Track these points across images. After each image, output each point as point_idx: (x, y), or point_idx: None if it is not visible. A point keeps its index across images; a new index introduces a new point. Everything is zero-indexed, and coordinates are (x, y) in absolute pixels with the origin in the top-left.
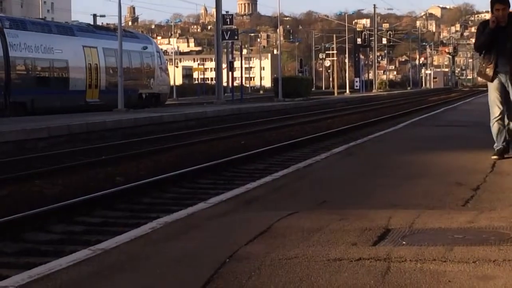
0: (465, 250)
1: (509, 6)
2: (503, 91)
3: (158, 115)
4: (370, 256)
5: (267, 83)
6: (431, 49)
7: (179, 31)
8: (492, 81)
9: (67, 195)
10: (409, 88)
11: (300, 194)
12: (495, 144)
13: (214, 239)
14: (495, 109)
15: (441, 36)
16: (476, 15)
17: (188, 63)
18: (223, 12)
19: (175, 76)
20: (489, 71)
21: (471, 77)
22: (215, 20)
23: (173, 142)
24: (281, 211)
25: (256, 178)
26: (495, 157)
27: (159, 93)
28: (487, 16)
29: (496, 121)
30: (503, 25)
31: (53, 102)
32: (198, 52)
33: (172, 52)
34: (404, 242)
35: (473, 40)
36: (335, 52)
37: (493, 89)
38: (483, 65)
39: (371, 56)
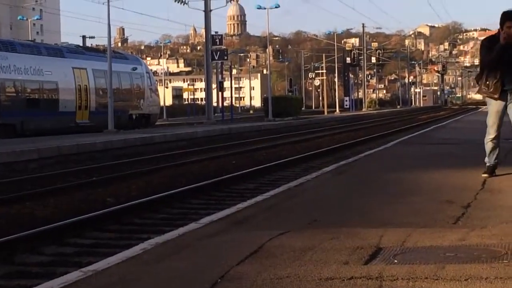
0: (457, 268)
1: None
2: (502, 115)
3: (149, 136)
4: (362, 275)
5: (257, 103)
6: (420, 68)
7: (168, 52)
8: (497, 99)
9: (58, 217)
10: (398, 107)
11: (291, 213)
12: (486, 159)
13: (205, 259)
14: (492, 131)
15: (430, 55)
16: (464, 34)
17: (178, 83)
18: (213, 33)
19: (165, 97)
20: (495, 89)
21: (460, 95)
22: (204, 40)
23: (164, 162)
24: (272, 230)
25: (247, 198)
26: (485, 175)
27: (149, 113)
28: (475, 35)
29: (490, 140)
30: (511, 41)
31: (43, 124)
32: (188, 73)
33: (161, 73)
34: (396, 261)
35: (462, 58)
36: (324, 71)
37: (493, 112)
38: (487, 82)
39: (360, 75)
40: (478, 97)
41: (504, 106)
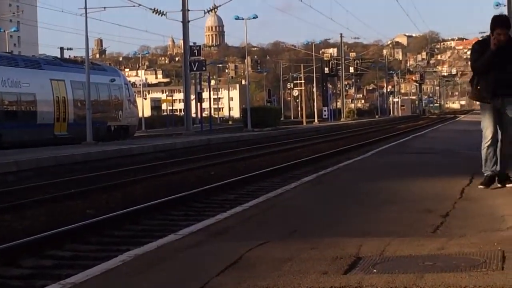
0: (436, 277)
1: (509, 29)
2: (497, 115)
3: (127, 147)
4: (342, 284)
5: (236, 113)
6: (398, 77)
7: (147, 63)
8: (490, 102)
9: (37, 229)
10: (377, 116)
11: (270, 224)
12: (484, 168)
13: (184, 270)
14: (488, 133)
15: (408, 64)
16: (441, 43)
17: (157, 94)
18: (191, 44)
19: (144, 108)
20: (487, 93)
21: (438, 104)
22: (182, 51)
23: (143, 174)
24: (252, 241)
25: (227, 209)
26: (481, 186)
27: (127, 125)
28: (453, 44)
29: (487, 145)
30: (502, 45)
31: (21, 136)
32: (166, 84)
33: (140, 84)
34: (375, 270)
35: (439, 68)
36: (303, 81)
37: (487, 113)
38: (478, 87)
39: (338, 85)
40: (456, 106)
41: (497, 110)
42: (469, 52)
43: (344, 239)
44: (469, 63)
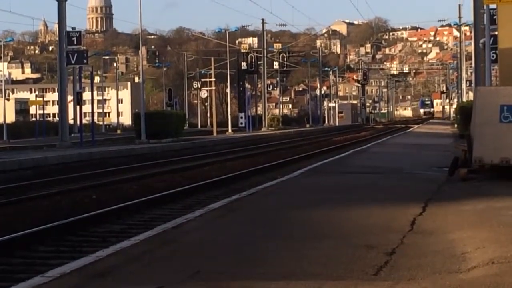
0: None
1: None
2: None
3: None
4: None
5: (127, 120)
6: (335, 76)
7: (11, 53)
8: None
9: None
10: (308, 126)
11: (167, 263)
12: None
13: None
14: None
15: (348, 59)
16: (391, 33)
17: (24, 94)
18: (69, 29)
19: (6, 112)
20: None
21: (386, 111)
22: (58, 39)
23: (1, 198)
24: (142, 286)
25: (111, 244)
26: None
27: None
28: (405, 35)
29: None
30: None
31: None
32: (36, 81)
33: (1, 81)
34: None
35: (388, 64)
36: (213, 79)
37: None
38: None
39: (259, 85)
40: (408, 113)
41: None
42: (424, 46)
43: (261, 283)
44: None
